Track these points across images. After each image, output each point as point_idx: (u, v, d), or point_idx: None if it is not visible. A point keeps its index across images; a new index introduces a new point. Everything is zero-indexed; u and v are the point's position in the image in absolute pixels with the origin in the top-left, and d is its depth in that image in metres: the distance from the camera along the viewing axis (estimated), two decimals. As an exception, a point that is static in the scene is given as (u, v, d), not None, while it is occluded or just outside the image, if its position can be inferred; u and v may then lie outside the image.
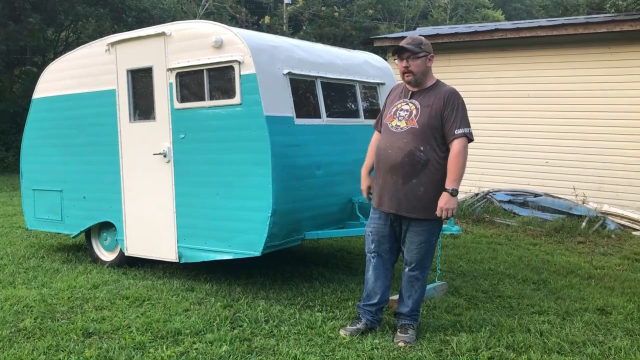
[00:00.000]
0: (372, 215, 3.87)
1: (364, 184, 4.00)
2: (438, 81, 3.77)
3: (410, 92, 3.74)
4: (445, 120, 3.58)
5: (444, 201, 3.53)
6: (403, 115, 3.68)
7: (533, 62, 9.24)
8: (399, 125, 3.66)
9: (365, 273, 3.92)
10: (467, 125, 3.61)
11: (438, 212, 3.55)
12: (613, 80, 8.56)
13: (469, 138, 3.60)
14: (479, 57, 9.74)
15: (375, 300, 3.84)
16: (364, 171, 4.00)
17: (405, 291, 3.79)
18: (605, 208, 8.29)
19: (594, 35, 8.56)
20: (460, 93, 3.74)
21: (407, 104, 3.71)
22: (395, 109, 3.75)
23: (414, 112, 3.64)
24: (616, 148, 8.57)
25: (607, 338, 3.80)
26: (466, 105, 3.68)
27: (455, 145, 3.55)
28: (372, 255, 3.85)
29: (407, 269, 3.78)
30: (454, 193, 3.53)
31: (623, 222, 8.08)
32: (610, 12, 11.18)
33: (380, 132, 3.90)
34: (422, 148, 3.58)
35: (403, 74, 3.70)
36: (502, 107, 9.50)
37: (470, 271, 5.57)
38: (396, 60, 3.73)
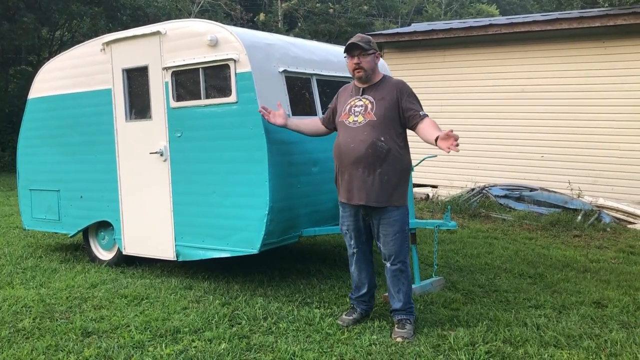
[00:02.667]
0: (343, 213, 3.97)
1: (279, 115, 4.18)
2: (385, 76, 3.92)
3: (361, 89, 3.87)
4: (405, 109, 3.73)
5: (444, 141, 3.44)
6: (359, 111, 3.80)
7: (527, 57, 9.26)
8: (357, 120, 3.78)
9: (349, 267, 4.06)
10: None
11: (453, 145, 3.39)
12: (607, 74, 8.60)
13: None
14: (473, 53, 9.75)
15: (364, 290, 4.00)
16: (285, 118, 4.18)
17: (393, 287, 3.85)
18: (601, 201, 8.34)
19: (588, 29, 8.59)
20: (455, 88, 3.84)
21: (360, 99, 3.83)
22: (349, 106, 3.87)
23: (369, 106, 3.77)
24: (611, 142, 8.61)
25: (603, 331, 3.83)
26: (460, 101, 3.74)
27: (427, 119, 3.69)
28: (355, 250, 3.98)
29: (388, 264, 3.84)
30: None
31: (618, 215, 8.12)
32: (604, 6, 11.20)
33: (325, 126, 4.13)
34: (382, 138, 3.69)
35: (354, 70, 3.84)
36: (497, 102, 9.53)
37: (466, 266, 5.59)
38: (346, 58, 3.88)
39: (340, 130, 3.90)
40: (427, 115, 3.73)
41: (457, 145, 3.41)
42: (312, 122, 4.23)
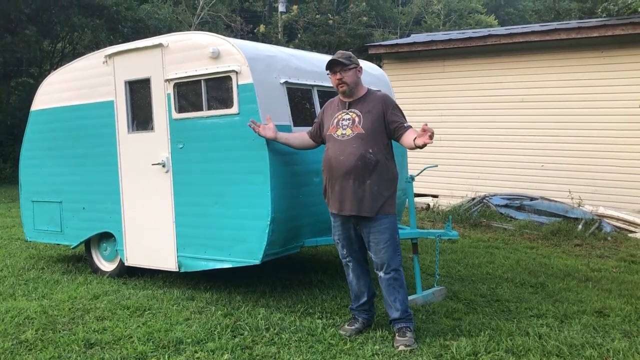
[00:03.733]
0: (334, 224, 4.04)
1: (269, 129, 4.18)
2: (369, 89, 4.02)
3: (347, 103, 3.95)
4: (391, 121, 3.85)
5: (421, 137, 3.56)
6: (347, 124, 3.88)
7: (527, 67, 9.33)
8: (345, 134, 3.87)
9: (347, 277, 4.11)
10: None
11: (427, 138, 3.53)
12: (606, 84, 8.66)
13: None
14: (473, 63, 9.81)
15: (365, 299, 4.04)
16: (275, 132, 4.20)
17: (389, 296, 3.87)
18: (601, 210, 8.35)
19: (587, 39, 8.66)
20: (455, 98, 3.91)
21: (348, 113, 3.92)
22: (336, 120, 3.95)
23: (357, 119, 3.87)
24: (610, 151, 8.65)
25: (605, 340, 3.83)
26: (460, 111, 3.79)
27: (410, 129, 3.79)
28: (348, 260, 4.05)
29: (382, 274, 3.87)
30: None
31: (619, 224, 8.14)
32: (602, 16, 11.28)
33: (313, 139, 4.22)
34: (371, 150, 3.79)
35: (337, 85, 3.93)
36: (497, 111, 9.57)
37: (468, 275, 5.60)
38: (328, 75, 3.98)
39: (329, 144, 3.97)
40: (411, 126, 3.84)
41: (431, 137, 3.55)
42: (301, 136, 4.32)
